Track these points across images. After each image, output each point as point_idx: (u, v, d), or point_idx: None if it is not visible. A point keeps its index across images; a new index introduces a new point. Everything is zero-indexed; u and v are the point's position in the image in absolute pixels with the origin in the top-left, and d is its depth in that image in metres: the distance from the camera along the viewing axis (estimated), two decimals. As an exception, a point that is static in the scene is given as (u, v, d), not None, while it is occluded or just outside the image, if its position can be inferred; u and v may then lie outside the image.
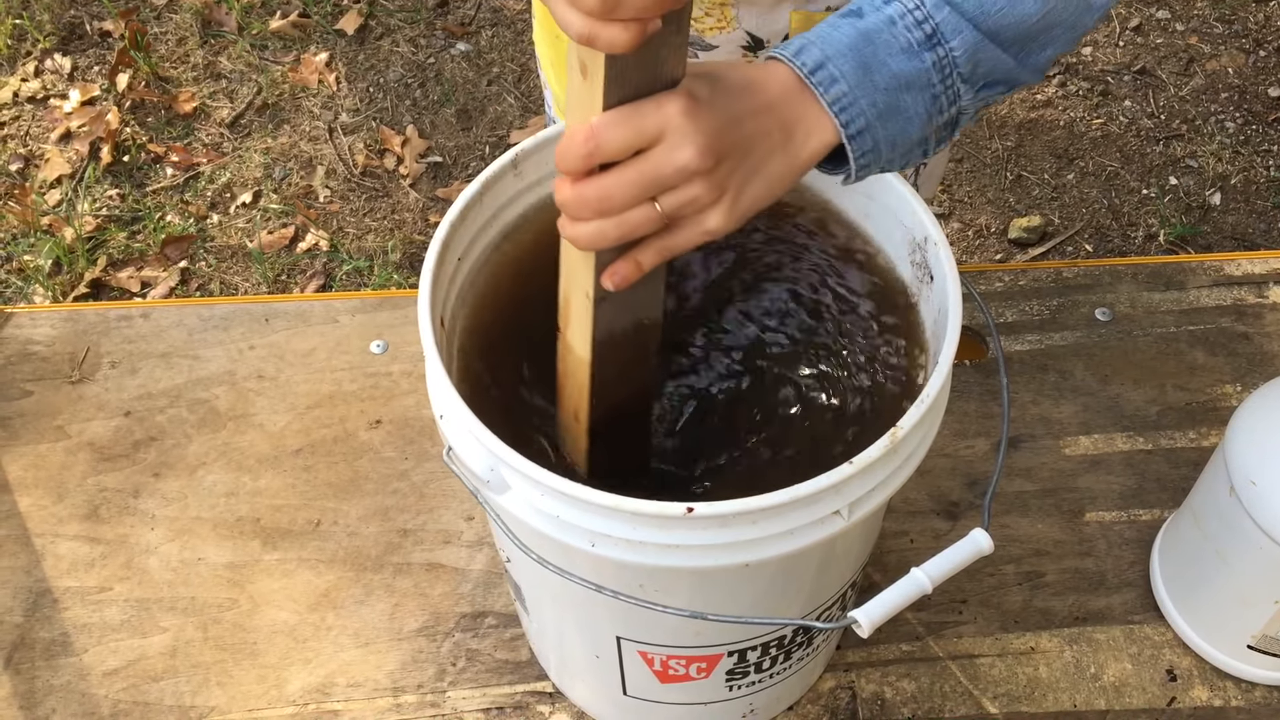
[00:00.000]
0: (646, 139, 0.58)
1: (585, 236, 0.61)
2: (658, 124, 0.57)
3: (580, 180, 0.59)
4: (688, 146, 0.58)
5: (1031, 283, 1.18)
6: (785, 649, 0.80)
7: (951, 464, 1.05)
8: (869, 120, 0.62)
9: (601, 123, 0.57)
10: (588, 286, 0.65)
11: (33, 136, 2.44)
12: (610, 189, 0.59)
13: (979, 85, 0.65)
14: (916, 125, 0.64)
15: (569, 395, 0.73)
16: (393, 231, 2.30)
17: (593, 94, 0.58)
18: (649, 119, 0.57)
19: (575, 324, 0.69)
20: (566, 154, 0.59)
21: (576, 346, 0.69)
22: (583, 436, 0.73)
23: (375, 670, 0.95)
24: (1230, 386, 1.10)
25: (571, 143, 0.58)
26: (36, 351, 1.14)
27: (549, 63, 1.10)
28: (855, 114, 0.62)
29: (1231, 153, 2.42)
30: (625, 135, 0.58)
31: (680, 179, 0.59)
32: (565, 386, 0.73)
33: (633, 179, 0.58)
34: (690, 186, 0.59)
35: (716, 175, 0.59)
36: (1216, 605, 0.91)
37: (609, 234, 0.60)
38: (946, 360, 0.66)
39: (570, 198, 0.60)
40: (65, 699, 0.94)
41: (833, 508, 0.64)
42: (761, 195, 0.62)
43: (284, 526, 1.02)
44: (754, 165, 0.61)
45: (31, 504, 1.04)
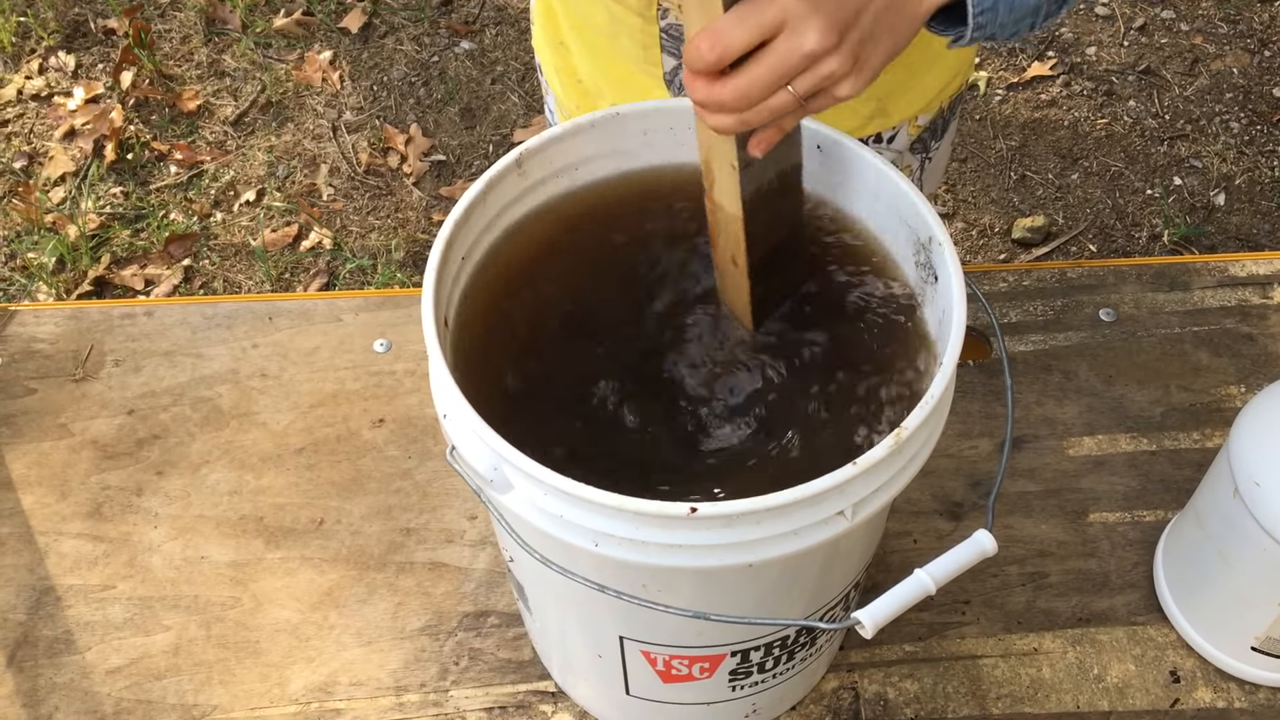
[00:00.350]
0: (769, 31, 0.60)
1: (728, 126, 0.63)
2: (776, 15, 0.59)
3: (714, 80, 0.62)
4: (810, 32, 0.60)
5: (1035, 283, 1.18)
6: (788, 649, 0.80)
7: (955, 464, 1.05)
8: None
9: (724, 24, 0.60)
10: (731, 158, 0.68)
11: (37, 134, 2.45)
12: (745, 87, 0.61)
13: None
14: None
15: (724, 244, 0.76)
16: (396, 230, 2.30)
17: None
18: (767, 12, 0.59)
19: (722, 187, 0.71)
20: (695, 60, 0.61)
21: (727, 205, 0.72)
22: (744, 278, 0.76)
23: (378, 669, 0.95)
24: (1234, 387, 1.10)
25: (698, 49, 0.60)
26: (40, 349, 1.14)
27: (552, 70, 1.10)
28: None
29: (1236, 153, 2.41)
30: (748, 33, 0.60)
31: (810, 62, 0.61)
32: (719, 237, 0.76)
33: (765, 74, 0.61)
34: (820, 66, 0.61)
35: (842, 49, 0.61)
36: (1220, 606, 0.91)
37: (752, 122, 0.63)
38: (951, 361, 0.66)
39: (707, 97, 0.62)
40: (68, 697, 0.94)
41: (836, 508, 0.64)
42: (887, 53, 0.64)
43: (287, 525, 1.02)
44: (875, 27, 0.62)
45: (35, 502, 1.04)
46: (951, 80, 1.07)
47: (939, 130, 1.11)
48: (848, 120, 1.05)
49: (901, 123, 1.06)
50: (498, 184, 0.77)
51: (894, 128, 1.06)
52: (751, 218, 0.72)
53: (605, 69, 1.03)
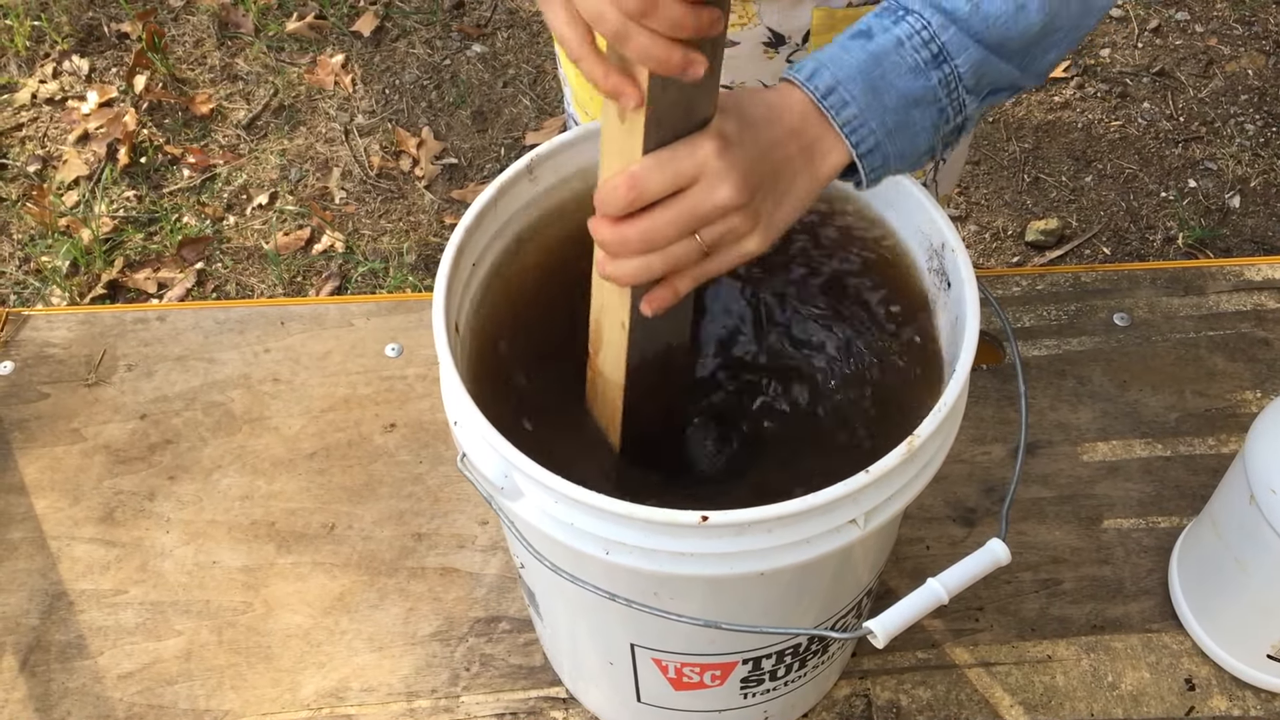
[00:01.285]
0: (684, 181, 0.61)
1: (629, 273, 0.64)
2: (694, 166, 0.61)
3: (621, 221, 0.62)
4: (725, 185, 0.61)
5: (1049, 287, 1.17)
6: (800, 657, 0.79)
7: (968, 470, 1.05)
8: (879, 139, 0.65)
9: (642, 170, 0.61)
10: (623, 316, 0.68)
11: (50, 138, 2.45)
12: (653, 229, 0.62)
13: (983, 94, 0.68)
14: (924, 138, 0.67)
15: (601, 414, 0.76)
16: (408, 233, 2.30)
17: (631, 139, 0.61)
18: (686, 163, 0.61)
19: (608, 351, 0.71)
20: (609, 200, 0.62)
21: (609, 372, 0.72)
22: (615, 444, 0.76)
23: (389, 674, 0.95)
24: (1250, 393, 1.09)
25: (614, 191, 0.61)
26: (53, 354, 1.14)
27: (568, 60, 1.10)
28: (865, 134, 0.65)
29: (1251, 155, 2.40)
30: (665, 180, 0.61)
31: (719, 214, 0.62)
32: (596, 406, 0.76)
33: (674, 218, 0.62)
34: (729, 219, 0.63)
35: (752, 206, 0.63)
36: (1236, 614, 0.90)
37: (654, 268, 0.63)
38: (964, 368, 0.65)
39: (612, 238, 0.63)
40: (80, 702, 0.94)
41: (849, 516, 0.64)
42: (791, 214, 0.66)
43: (298, 530, 1.02)
44: (783, 190, 0.64)
45: (47, 506, 1.04)
46: None
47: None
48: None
49: None
50: (509, 190, 0.77)
51: None
52: (633, 387, 0.72)
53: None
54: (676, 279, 0.65)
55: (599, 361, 0.73)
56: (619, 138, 0.62)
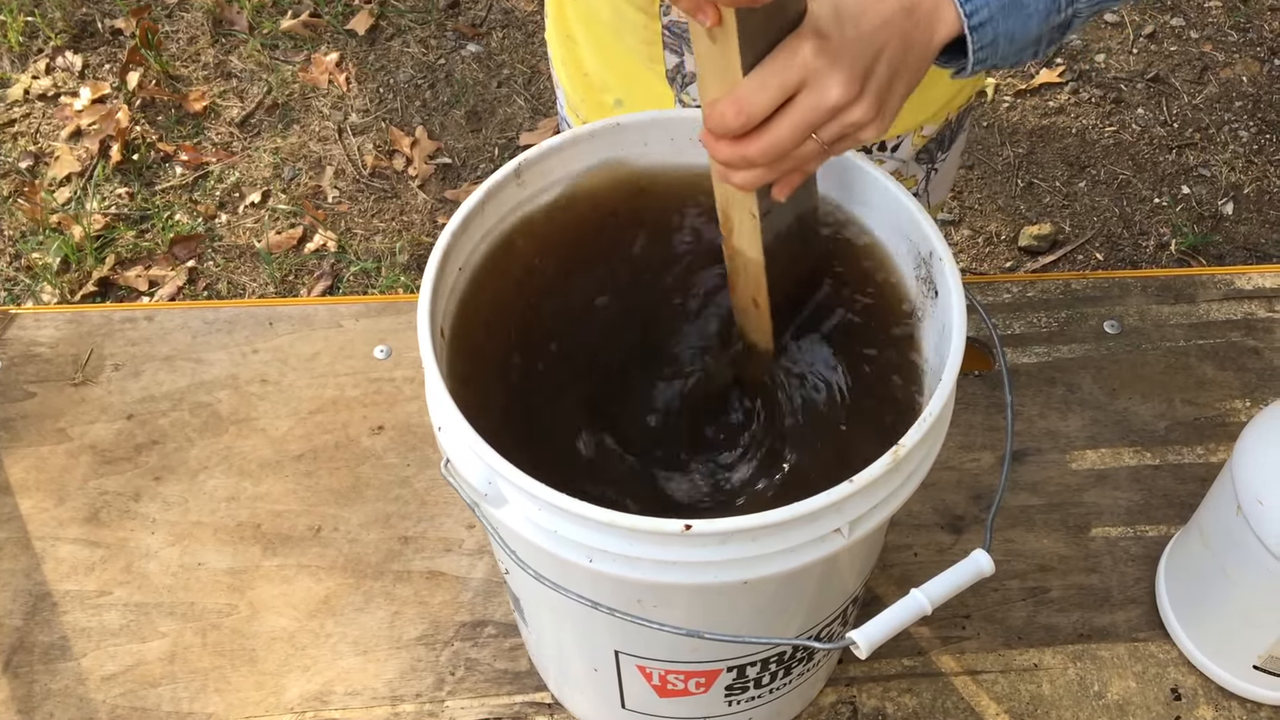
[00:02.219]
0: (791, 90, 0.60)
1: (757, 181, 0.64)
2: (799, 74, 0.60)
3: (739, 140, 0.62)
4: (833, 87, 0.60)
5: (1040, 294, 1.17)
6: (785, 665, 0.79)
7: (957, 477, 1.05)
8: (993, 12, 0.64)
9: (745, 91, 0.60)
10: (751, 207, 0.68)
11: (43, 134, 2.45)
12: (773, 144, 0.62)
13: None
14: (1035, 22, 0.65)
15: (744, 286, 0.76)
16: (401, 233, 2.29)
17: (727, 57, 0.60)
18: (790, 73, 0.60)
19: (742, 234, 0.72)
20: (720, 126, 0.61)
21: (747, 250, 0.73)
22: (765, 318, 0.76)
23: (374, 678, 0.94)
24: (1239, 402, 1.09)
25: (723, 118, 0.60)
26: (40, 353, 1.14)
27: (560, 62, 1.09)
28: (980, 4, 0.64)
29: (1245, 162, 2.40)
30: (771, 97, 0.60)
31: (834, 114, 0.62)
32: (739, 280, 0.76)
33: (790, 129, 0.61)
34: (845, 115, 0.62)
35: (865, 97, 0.62)
36: (1222, 624, 0.90)
37: (787, 168, 0.64)
38: (950, 378, 0.65)
39: (734, 156, 0.62)
40: (63, 703, 0.93)
41: (833, 525, 0.64)
42: (904, 93, 0.65)
43: (284, 532, 1.02)
44: (894, 71, 0.63)
45: (32, 506, 1.04)
46: (959, 92, 1.06)
47: (946, 141, 1.11)
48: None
49: (906, 132, 1.06)
50: (496, 194, 0.76)
51: (898, 136, 1.06)
52: (772, 262, 0.73)
53: (611, 63, 1.03)
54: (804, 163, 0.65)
55: (734, 241, 0.73)
56: (714, 57, 0.61)
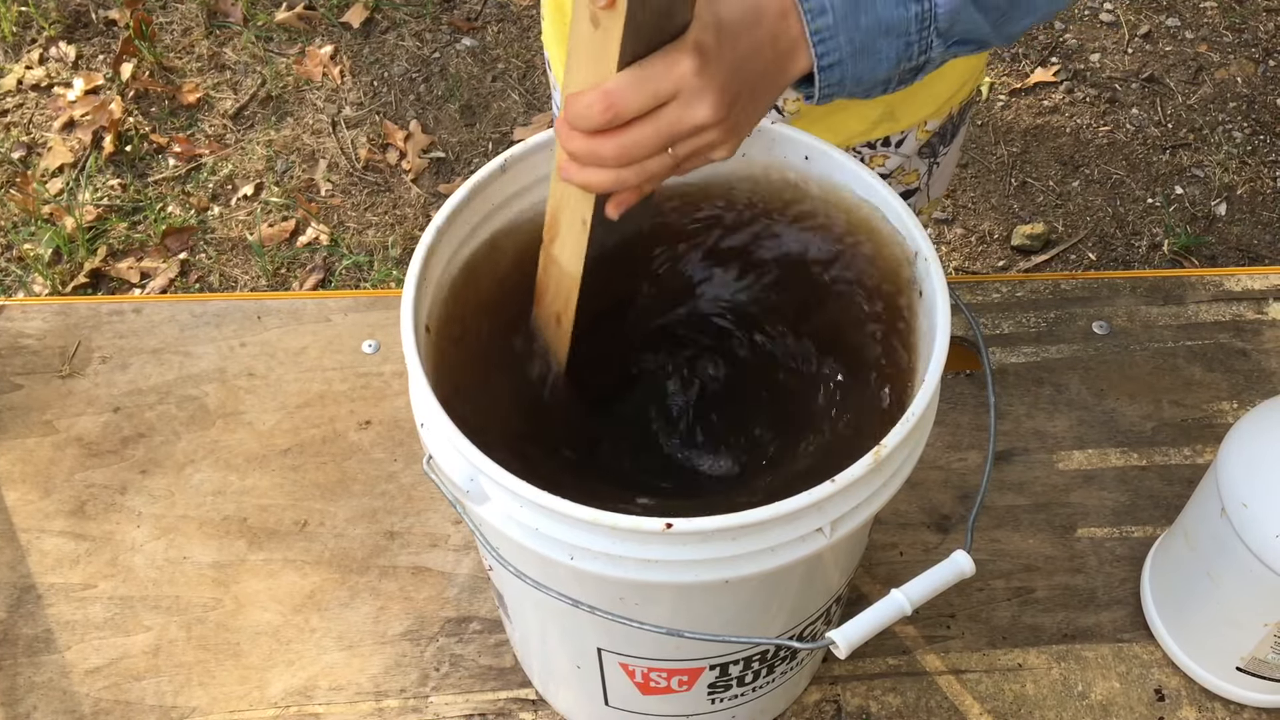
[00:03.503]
0: (662, 99, 0.60)
1: (599, 182, 0.63)
2: (672, 84, 0.60)
3: (595, 136, 0.61)
4: (703, 104, 0.61)
5: (1029, 294, 1.17)
6: (768, 663, 0.79)
7: (944, 476, 1.05)
8: (842, 56, 0.65)
9: (618, 88, 0.59)
10: (585, 214, 0.67)
11: (36, 124, 2.44)
12: (630, 145, 0.61)
13: (951, 41, 0.68)
14: (884, 68, 0.67)
15: (551, 300, 0.74)
16: (394, 227, 2.29)
17: (606, 48, 0.59)
18: (664, 82, 0.60)
19: (565, 243, 0.70)
20: (582, 116, 0.60)
21: (566, 262, 0.71)
22: (565, 339, 0.75)
23: (358, 674, 0.94)
24: (1227, 403, 1.09)
25: (589, 109, 0.60)
26: (27, 345, 1.13)
27: (558, 61, 1.09)
28: (832, 47, 0.65)
29: (1238, 163, 2.40)
30: (642, 101, 0.60)
31: (696, 131, 0.62)
32: (547, 293, 0.75)
33: (651, 135, 0.61)
34: (705, 134, 0.62)
35: (729, 120, 0.62)
36: (1206, 626, 0.90)
37: (627, 180, 0.63)
38: (933, 379, 0.65)
39: (585, 150, 0.62)
40: (46, 696, 0.93)
41: (815, 525, 0.64)
42: (757, 120, 0.66)
43: (270, 527, 1.02)
44: (757, 98, 0.64)
45: (18, 499, 1.04)
46: (962, 86, 1.06)
47: (948, 135, 1.11)
48: (855, 124, 1.04)
49: (910, 127, 1.06)
50: (482, 190, 0.76)
51: (902, 132, 1.06)
52: (589, 278, 0.71)
53: None
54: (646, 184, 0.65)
55: (554, 250, 0.72)
56: (591, 44, 0.59)
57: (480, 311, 0.77)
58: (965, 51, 0.70)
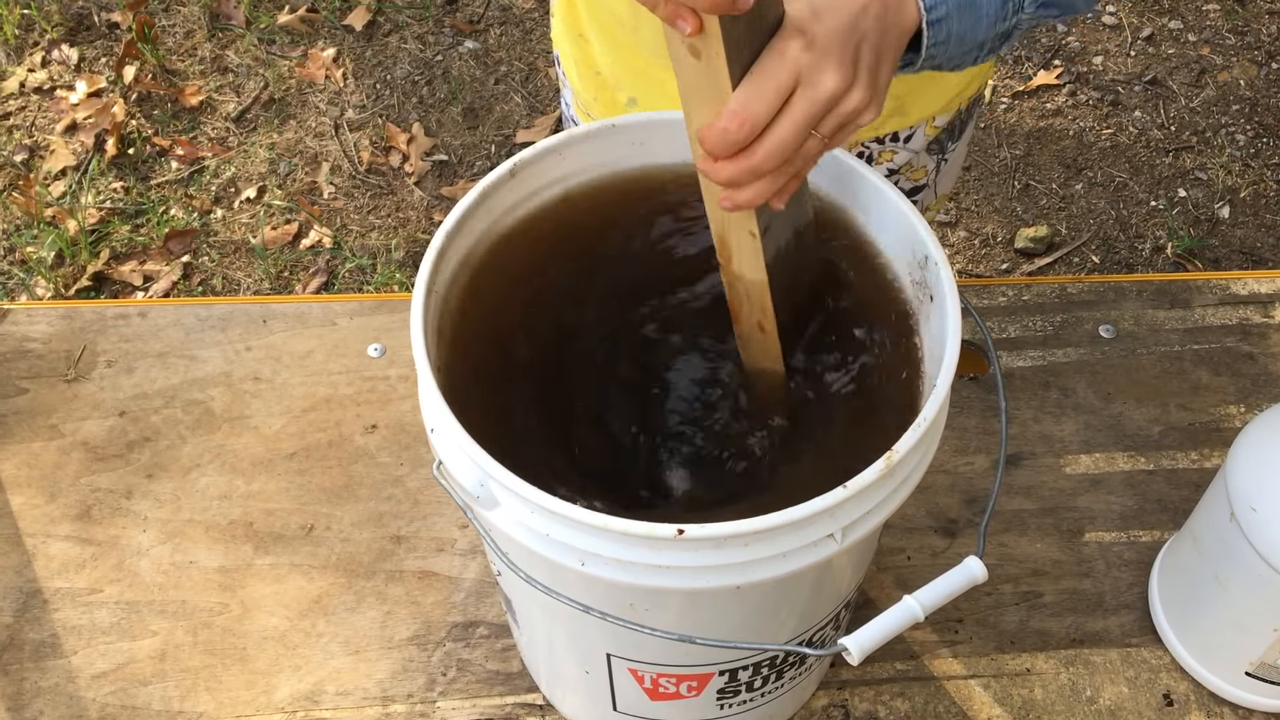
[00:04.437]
0: (787, 91, 0.60)
1: (763, 192, 0.63)
2: (791, 73, 0.60)
3: (742, 153, 0.61)
4: (827, 78, 0.60)
5: (1035, 298, 1.17)
6: (777, 669, 0.79)
7: (951, 480, 1.05)
8: (949, 9, 0.65)
9: (742, 100, 0.59)
10: (751, 225, 0.67)
11: (38, 127, 2.44)
12: (779, 145, 0.61)
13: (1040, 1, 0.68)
14: (984, 26, 0.67)
15: (749, 312, 0.75)
16: (396, 229, 2.29)
17: (714, 73, 0.59)
18: (781, 74, 0.60)
19: (742, 257, 0.71)
20: (723, 144, 0.60)
21: (749, 274, 0.72)
22: (773, 342, 0.75)
23: (365, 679, 0.94)
24: (1234, 407, 1.09)
25: (725, 134, 0.60)
26: (33, 349, 1.13)
27: (571, 61, 1.09)
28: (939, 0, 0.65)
29: (1241, 166, 2.40)
30: (769, 101, 0.60)
31: (833, 104, 0.62)
32: (743, 307, 0.75)
33: (794, 126, 0.61)
34: (843, 103, 0.62)
35: (859, 82, 0.62)
36: (1215, 631, 0.90)
37: (792, 172, 0.63)
38: (944, 384, 0.65)
39: (741, 170, 0.62)
40: (53, 701, 0.93)
41: (826, 531, 0.63)
42: (890, 73, 0.65)
43: (276, 531, 1.02)
44: (878, 54, 0.64)
45: (24, 503, 1.03)
46: (971, 82, 1.06)
47: (956, 131, 1.11)
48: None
49: (919, 122, 1.06)
50: (491, 194, 0.76)
51: (911, 127, 1.06)
52: (775, 282, 0.72)
53: (625, 61, 1.02)
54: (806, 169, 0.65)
55: (734, 268, 0.72)
56: (700, 76, 0.60)
57: (490, 316, 0.77)
58: (1050, 15, 0.70)
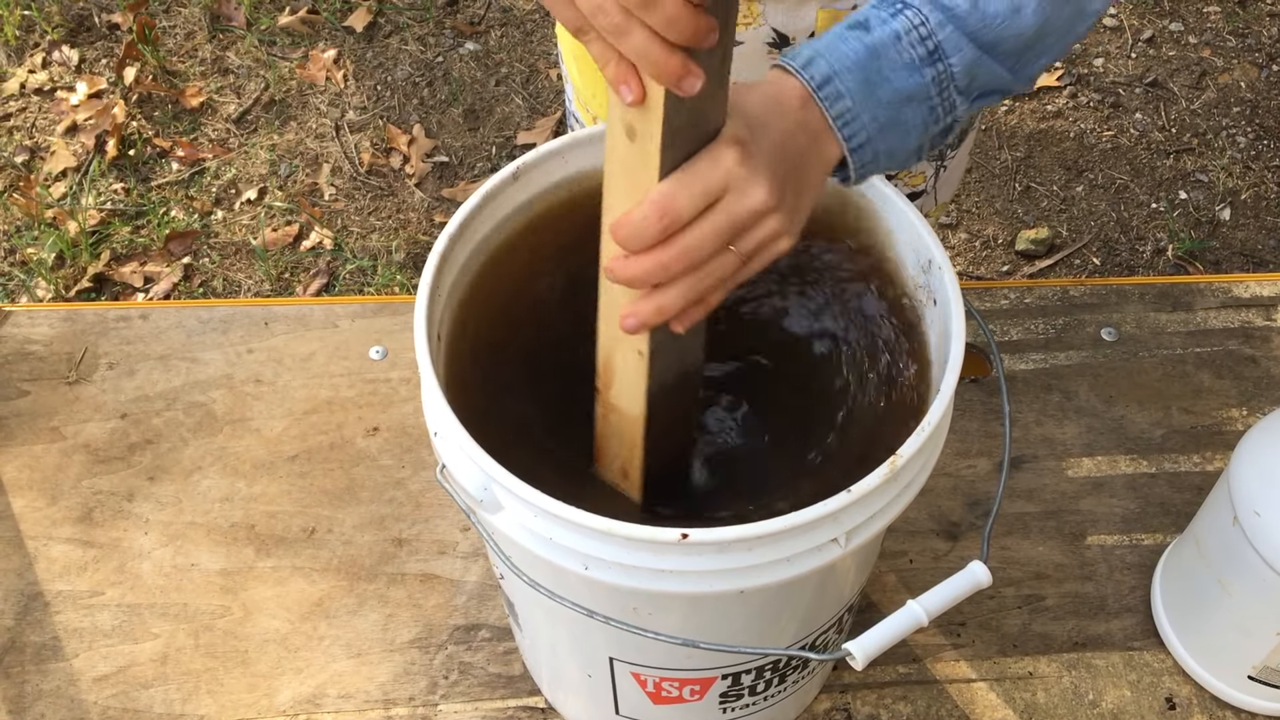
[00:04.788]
0: (714, 195, 0.59)
1: (670, 303, 0.61)
2: (721, 178, 0.59)
3: (655, 249, 0.59)
4: (756, 189, 0.59)
5: (1037, 301, 1.17)
6: (780, 672, 0.79)
7: (953, 483, 1.04)
8: (870, 135, 0.65)
9: (669, 192, 0.58)
10: (641, 345, 0.65)
11: (39, 128, 2.44)
12: (695, 246, 0.59)
13: (974, 96, 0.68)
14: (913, 136, 0.66)
15: (614, 454, 0.72)
16: (397, 231, 2.29)
17: (646, 159, 0.57)
18: (712, 177, 0.58)
19: (623, 383, 0.68)
20: (637, 234, 0.58)
21: (625, 405, 0.69)
22: (636, 489, 0.72)
23: (367, 681, 0.94)
24: (1236, 410, 1.09)
25: (643, 222, 0.58)
26: (34, 351, 1.13)
27: (572, 57, 1.09)
28: (858, 129, 0.64)
29: (1242, 168, 2.40)
30: (695, 198, 0.58)
31: (756, 219, 0.60)
32: (609, 446, 0.72)
33: (713, 231, 0.59)
34: (765, 223, 0.61)
35: (782, 206, 0.61)
36: (1217, 634, 0.90)
37: (700, 288, 0.61)
38: (948, 388, 0.65)
39: (651, 267, 0.59)
40: (54, 704, 0.93)
41: (830, 535, 0.63)
42: (810, 204, 0.65)
43: (278, 533, 1.02)
44: (803, 180, 0.63)
45: (25, 505, 1.03)
46: None
47: (956, 139, 1.11)
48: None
49: None
50: (494, 197, 0.76)
51: None
52: (653, 419, 0.68)
53: None
54: (712, 293, 0.63)
55: (611, 397, 0.69)
56: (631, 159, 0.58)
57: (493, 319, 0.77)
58: (991, 102, 0.69)
